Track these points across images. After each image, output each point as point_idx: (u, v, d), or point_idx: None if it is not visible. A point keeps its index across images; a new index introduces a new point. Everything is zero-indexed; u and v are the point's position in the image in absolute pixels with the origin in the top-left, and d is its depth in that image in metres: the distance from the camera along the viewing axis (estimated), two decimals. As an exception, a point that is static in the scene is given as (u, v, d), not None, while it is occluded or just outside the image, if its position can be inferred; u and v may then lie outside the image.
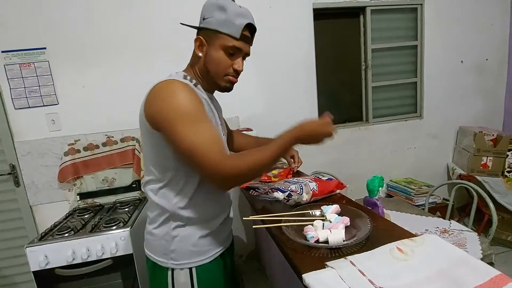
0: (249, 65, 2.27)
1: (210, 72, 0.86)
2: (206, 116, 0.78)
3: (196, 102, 0.77)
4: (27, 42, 1.88)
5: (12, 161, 1.95)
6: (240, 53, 0.85)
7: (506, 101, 2.84)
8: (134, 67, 2.00)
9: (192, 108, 0.75)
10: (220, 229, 0.94)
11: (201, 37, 0.84)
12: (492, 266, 0.57)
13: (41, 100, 1.94)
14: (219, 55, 0.83)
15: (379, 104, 2.65)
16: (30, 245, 1.45)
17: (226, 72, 0.86)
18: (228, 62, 0.85)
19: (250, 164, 0.75)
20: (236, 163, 0.74)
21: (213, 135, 0.75)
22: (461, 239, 1.51)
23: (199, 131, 0.74)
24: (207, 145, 0.73)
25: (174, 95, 0.75)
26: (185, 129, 0.73)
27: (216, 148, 0.74)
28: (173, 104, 0.74)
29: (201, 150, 0.72)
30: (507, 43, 2.74)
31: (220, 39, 0.82)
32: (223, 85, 0.88)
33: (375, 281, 0.58)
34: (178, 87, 0.77)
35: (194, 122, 0.74)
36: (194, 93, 0.78)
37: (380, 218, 0.89)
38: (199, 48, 0.86)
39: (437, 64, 2.63)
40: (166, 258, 0.88)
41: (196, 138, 0.73)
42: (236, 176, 0.75)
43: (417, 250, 0.66)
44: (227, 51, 0.83)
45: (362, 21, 2.50)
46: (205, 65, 0.86)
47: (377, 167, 2.59)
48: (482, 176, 2.44)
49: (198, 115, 0.76)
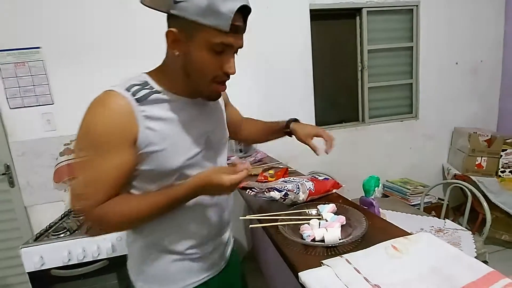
0: (245, 65, 2.28)
1: (191, 76, 0.68)
2: (115, 149, 0.62)
3: (111, 131, 0.62)
4: (21, 42, 1.86)
5: (7, 161, 1.93)
6: (230, 49, 0.66)
7: (500, 102, 2.88)
8: (129, 66, 1.97)
9: (101, 136, 0.62)
10: (195, 256, 0.78)
11: (174, 30, 0.63)
12: (486, 265, 0.58)
13: (36, 100, 1.93)
14: (202, 54, 0.64)
15: (375, 105, 2.67)
16: (25, 246, 1.44)
17: (214, 76, 0.67)
18: (215, 63, 0.66)
19: (118, 218, 0.64)
20: (103, 213, 0.63)
21: (101, 175, 0.62)
22: (456, 238, 1.52)
23: (91, 166, 0.63)
24: (87, 186, 0.63)
25: (92, 114, 0.63)
26: (84, 158, 0.63)
27: (94, 190, 0.62)
28: (85, 124, 0.63)
29: (84, 188, 0.63)
30: (502, 45, 2.78)
31: (202, 33, 0.61)
32: (207, 93, 0.71)
33: (370, 278, 0.59)
34: (103, 105, 0.63)
35: (94, 153, 0.62)
36: (119, 118, 0.62)
37: (375, 217, 0.90)
38: (174, 45, 0.65)
39: (432, 65, 2.65)
40: (137, 279, 0.79)
41: (84, 172, 0.63)
42: (100, 227, 0.65)
43: (412, 248, 0.66)
44: (213, 49, 0.63)
45: (358, 22, 2.52)
46: (184, 67, 0.67)
47: (373, 167, 2.61)
48: (477, 176, 2.47)
49: (103, 147, 0.62)
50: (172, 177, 0.71)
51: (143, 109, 0.65)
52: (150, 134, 0.65)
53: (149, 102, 0.67)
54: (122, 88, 0.65)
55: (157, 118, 0.67)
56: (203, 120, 0.77)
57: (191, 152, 0.72)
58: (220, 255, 0.85)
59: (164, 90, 0.70)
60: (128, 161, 0.65)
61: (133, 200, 0.67)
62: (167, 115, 0.69)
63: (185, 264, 0.77)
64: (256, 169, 1.53)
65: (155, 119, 0.66)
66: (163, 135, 0.67)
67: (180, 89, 0.71)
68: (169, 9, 0.62)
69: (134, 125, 0.64)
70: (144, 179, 0.70)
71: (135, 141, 0.64)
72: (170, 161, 0.69)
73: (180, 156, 0.70)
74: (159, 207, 0.66)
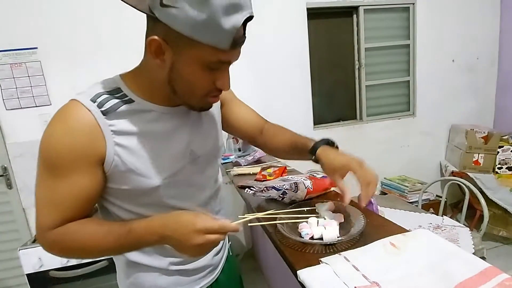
0: (242, 65, 2.28)
1: (178, 92, 0.58)
2: (75, 171, 0.55)
3: (70, 150, 0.54)
4: (18, 42, 1.86)
5: (4, 163, 1.92)
6: (227, 65, 0.57)
7: (496, 99, 2.89)
8: (126, 66, 1.98)
9: (59, 156, 0.55)
10: (182, 270, 0.72)
11: (159, 39, 0.52)
12: (483, 260, 0.58)
13: (33, 101, 1.92)
14: (193, 71, 0.54)
15: (373, 103, 2.67)
16: (24, 248, 1.44)
17: (205, 93, 0.59)
18: (208, 80, 0.57)
19: (74, 245, 0.58)
20: (58, 241, 0.57)
21: (57, 199, 0.57)
22: (454, 234, 1.53)
23: (47, 187, 0.57)
24: (41, 208, 0.58)
25: (51, 129, 0.56)
26: (39, 176, 0.59)
27: (49, 213, 0.57)
28: (44, 140, 0.56)
29: (37, 208, 0.59)
30: (497, 42, 2.79)
31: (194, 49, 0.51)
32: (198, 106, 0.62)
33: (369, 275, 0.59)
34: (63, 119, 0.56)
35: (51, 174, 0.56)
36: (80, 135, 0.54)
37: (374, 214, 0.90)
38: (156, 54, 0.54)
39: (429, 63, 2.66)
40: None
41: (40, 193, 0.59)
42: (55, 251, 0.60)
43: (410, 245, 0.67)
44: (208, 67, 0.54)
45: (355, 21, 2.52)
46: (170, 81, 0.57)
47: (371, 165, 2.61)
48: (474, 172, 2.48)
49: (62, 168, 0.55)
50: (155, 196, 0.63)
51: (111, 123, 0.56)
52: (120, 151, 0.57)
53: (119, 114, 0.57)
54: (87, 98, 0.56)
55: (128, 132, 0.58)
56: (185, 131, 0.66)
57: (172, 169, 0.63)
58: (214, 266, 0.80)
59: (139, 97, 0.60)
60: (89, 183, 0.57)
61: (90, 228, 0.58)
62: (140, 129, 0.59)
63: (172, 279, 0.72)
64: (254, 168, 1.53)
65: (126, 134, 0.57)
66: (136, 151, 0.58)
67: (160, 98, 0.61)
68: (151, 11, 0.50)
69: (99, 143, 0.55)
70: (121, 197, 0.63)
71: (101, 160, 0.56)
72: (146, 181, 0.60)
73: (158, 174, 0.61)
74: (115, 241, 0.56)
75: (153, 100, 0.61)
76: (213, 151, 0.74)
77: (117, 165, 0.58)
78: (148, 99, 0.61)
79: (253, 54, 2.21)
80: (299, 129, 0.86)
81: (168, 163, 0.63)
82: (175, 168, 0.64)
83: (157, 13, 0.50)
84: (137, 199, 0.63)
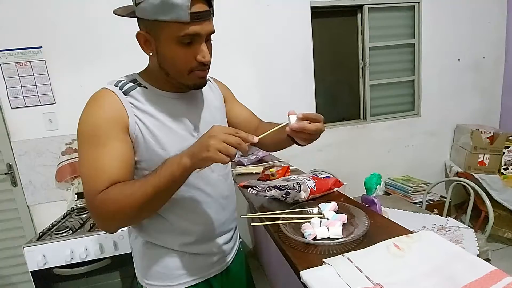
0: (246, 64, 2.28)
1: (169, 73, 0.69)
2: (111, 138, 0.64)
3: (105, 121, 0.64)
4: (23, 41, 1.87)
5: (9, 160, 1.94)
6: (199, 37, 0.64)
7: (502, 99, 2.86)
8: (131, 65, 1.99)
9: (96, 128, 0.64)
10: (193, 253, 0.78)
11: (143, 32, 0.66)
12: (488, 262, 0.58)
13: (38, 100, 1.93)
14: (171, 50, 0.65)
15: (377, 102, 2.66)
16: (28, 245, 1.45)
17: (190, 68, 0.67)
18: (188, 55, 0.65)
19: (118, 203, 0.61)
20: (105, 200, 0.61)
21: (101, 164, 0.63)
22: (458, 235, 1.52)
23: (91, 157, 0.64)
24: (88, 176, 0.64)
25: (86, 110, 0.67)
26: (82, 151, 0.66)
27: (95, 179, 0.63)
28: (81, 120, 0.66)
29: (84, 181, 0.65)
30: (504, 41, 2.76)
31: (165, 29, 0.62)
32: (191, 84, 0.71)
33: (372, 277, 0.58)
34: (95, 100, 0.68)
35: (93, 144, 0.64)
36: (110, 108, 0.66)
37: (377, 215, 0.89)
38: (146, 46, 0.68)
39: (434, 62, 2.64)
40: (142, 275, 0.80)
41: (85, 164, 0.65)
42: (102, 216, 0.63)
43: (414, 247, 0.66)
44: (181, 42, 0.64)
45: (360, 19, 2.50)
46: (161, 66, 0.69)
47: (375, 165, 2.60)
48: (479, 173, 2.46)
49: (100, 137, 0.64)
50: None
51: (130, 100, 0.69)
52: (139, 123, 0.68)
53: (136, 94, 0.70)
54: (111, 85, 0.70)
55: (144, 110, 0.69)
56: (192, 115, 0.77)
57: (183, 144, 0.69)
58: (223, 254, 0.85)
59: (150, 85, 0.73)
60: (127, 147, 0.67)
61: (130, 182, 0.64)
62: (154, 108, 0.71)
63: (184, 260, 0.78)
64: (257, 168, 1.53)
65: (142, 111, 0.69)
66: (151, 126, 0.69)
67: (166, 85, 0.73)
68: (135, 13, 0.65)
69: (124, 114, 0.67)
70: (139, 172, 0.71)
71: (127, 128, 0.67)
72: (162, 152, 0.69)
73: (171, 146, 0.70)
74: (154, 187, 0.60)
75: (162, 88, 0.74)
76: None
77: (137, 136, 0.68)
78: (158, 87, 0.73)
79: (257, 53, 2.20)
80: (303, 129, 0.85)
81: (178, 140, 0.72)
82: (186, 143, 0.69)
83: (136, 12, 0.64)
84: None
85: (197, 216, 0.77)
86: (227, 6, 2.07)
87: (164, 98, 0.73)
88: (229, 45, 2.14)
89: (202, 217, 0.78)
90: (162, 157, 0.67)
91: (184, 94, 0.76)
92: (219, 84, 0.93)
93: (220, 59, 2.24)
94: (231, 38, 2.14)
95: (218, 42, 2.46)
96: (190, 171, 0.61)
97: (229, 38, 2.13)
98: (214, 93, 0.88)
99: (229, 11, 2.09)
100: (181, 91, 0.75)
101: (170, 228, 0.75)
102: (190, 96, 0.77)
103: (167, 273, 0.77)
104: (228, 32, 2.12)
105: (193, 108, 0.78)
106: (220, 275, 0.85)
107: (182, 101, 0.76)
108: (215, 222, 0.81)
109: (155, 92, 0.72)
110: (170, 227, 0.75)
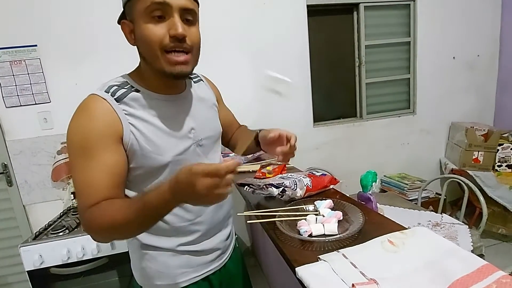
0: (242, 62, 2.28)
1: (146, 58, 0.68)
2: (101, 150, 0.63)
3: (94, 132, 0.62)
4: (17, 39, 1.85)
5: (4, 160, 1.93)
6: (170, 10, 0.62)
7: (497, 97, 2.89)
8: (127, 64, 1.98)
9: (86, 139, 0.62)
10: (191, 252, 0.78)
11: (125, 20, 0.67)
12: (482, 258, 0.59)
13: (32, 98, 1.92)
14: (144, 28, 0.63)
15: (373, 101, 2.67)
16: (24, 245, 1.45)
17: (162, 46, 0.63)
18: (159, 31, 0.63)
19: (104, 223, 0.59)
20: (93, 218, 0.60)
21: (90, 179, 0.62)
22: (453, 232, 1.54)
23: (80, 170, 0.63)
24: (78, 190, 0.63)
25: (76, 119, 0.64)
26: (73, 163, 0.64)
27: (85, 193, 0.62)
28: (70, 130, 0.64)
29: (77, 194, 0.64)
30: (498, 39, 2.78)
31: (136, 6, 0.63)
32: (167, 69, 0.66)
33: (367, 273, 0.59)
34: (84, 109, 0.65)
35: (83, 157, 0.63)
36: (101, 118, 0.63)
37: (372, 212, 0.91)
38: (130, 36, 0.68)
39: (429, 60, 2.65)
40: (140, 275, 0.80)
41: (76, 178, 0.64)
42: (92, 231, 0.62)
43: (408, 242, 0.67)
44: (151, 16, 0.62)
45: (356, 18, 2.51)
46: (141, 54, 0.69)
47: (370, 163, 2.62)
48: (474, 170, 2.48)
49: (90, 149, 0.62)
50: (166, 175, 0.70)
51: (123, 107, 0.66)
52: (134, 130, 0.67)
53: (129, 100, 0.68)
54: (102, 90, 0.67)
55: (138, 115, 0.68)
56: (187, 115, 0.76)
57: (179, 148, 0.72)
58: (222, 251, 0.86)
59: (143, 88, 0.71)
60: (118, 159, 0.65)
61: (117, 203, 0.61)
62: (148, 112, 0.69)
63: (183, 259, 0.78)
64: (254, 166, 1.53)
65: (137, 116, 0.67)
66: (146, 132, 0.68)
67: (160, 87, 0.72)
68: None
69: (117, 123, 0.65)
70: (136, 178, 0.70)
71: (121, 137, 0.65)
72: (158, 157, 0.69)
73: (167, 151, 0.70)
74: (137, 215, 0.58)
75: (155, 90, 0.72)
76: (213, 136, 0.84)
77: (133, 144, 0.66)
78: (151, 89, 0.72)
79: (253, 51, 2.20)
80: (299, 127, 0.88)
81: (175, 143, 0.72)
82: (181, 147, 0.72)
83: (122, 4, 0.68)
84: (149, 178, 0.70)
85: (196, 216, 0.78)
86: (222, 3, 2.07)
87: (157, 102, 0.71)
88: (225, 42, 2.13)
89: (201, 217, 0.79)
90: (159, 162, 0.69)
91: (178, 96, 0.76)
92: (211, 84, 0.94)
93: (215, 57, 2.25)
94: (227, 36, 2.13)
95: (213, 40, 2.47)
96: (175, 206, 0.59)
97: (225, 35, 2.12)
98: (207, 92, 0.88)
99: (224, 8, 2.08)
100: (173, 92, 0.75)
101: (168, 230, 0.75)
102: (183, 97, 0.77)
103: (167, 272, 0.77)
104: (224, 29, 2.11)
105: (188, 109, 0.78)
106: (219, 272, 0.86)
107: (176, 102, 0.75)
108: (213, 221, 0.82)
109: (148, 95, 0.71)
110: (169, 228, 0.75)
